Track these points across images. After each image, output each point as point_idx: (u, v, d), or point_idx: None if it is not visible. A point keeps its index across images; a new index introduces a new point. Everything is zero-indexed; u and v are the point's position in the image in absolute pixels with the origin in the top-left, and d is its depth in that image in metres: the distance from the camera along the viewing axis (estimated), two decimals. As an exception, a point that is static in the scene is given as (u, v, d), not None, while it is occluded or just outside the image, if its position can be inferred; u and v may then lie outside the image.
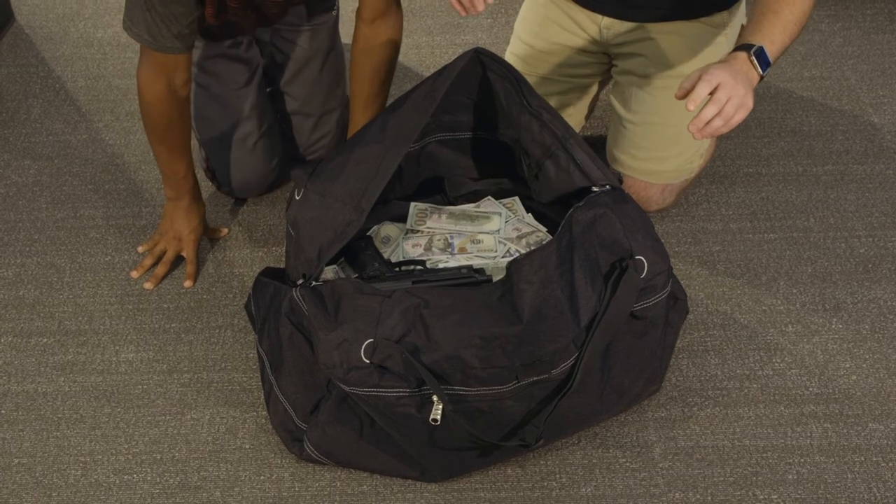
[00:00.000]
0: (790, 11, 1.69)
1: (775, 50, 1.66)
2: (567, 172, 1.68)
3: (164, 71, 1.82)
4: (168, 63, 1.81)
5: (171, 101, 1.86)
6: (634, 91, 2.03)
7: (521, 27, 2.18)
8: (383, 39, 1.88)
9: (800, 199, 2.14)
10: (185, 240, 2.02)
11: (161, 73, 1.82)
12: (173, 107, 1.87)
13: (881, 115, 2.35)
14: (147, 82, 1.84)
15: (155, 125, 1.89)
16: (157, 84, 1.83)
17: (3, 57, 2.65)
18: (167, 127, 1.89)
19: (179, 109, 1.88)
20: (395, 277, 1.66)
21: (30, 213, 2.18)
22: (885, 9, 2.72)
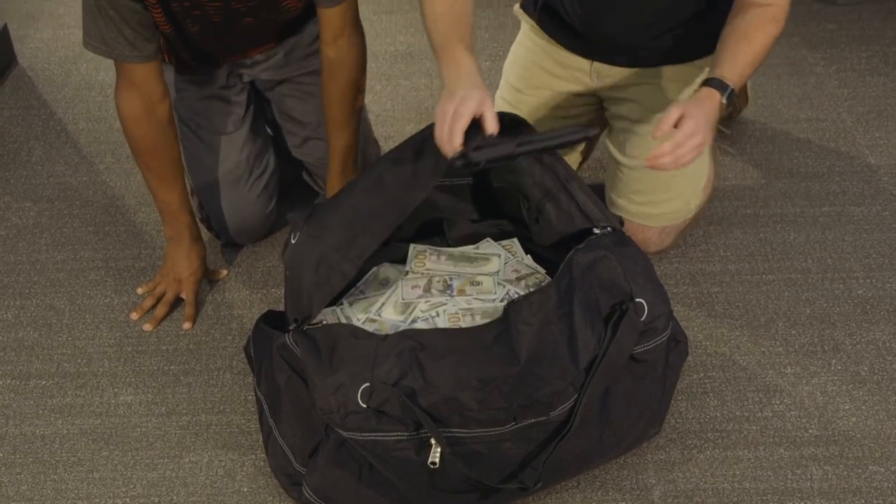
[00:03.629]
0: (763, 37, 1.72)
1: (742, 82, 1.72)
2: (568, 214, 1.69)
3: (135, 85, 1.83)
4: (136, 76, 1.82)
5: (151, 120, 1.86)
6: (628, 136, 2.04)
7: (509, 71, 2.19)
8: (346, 59, 1.91)
9: (798, 240, 2.14)
10: (185, 281, 2.02)
11: (133, 89, 1.83)
12: (154, 127, 1.87)
13: (878, 156, 2.37)
14: (122, 100, 1.85)
15: (138, 148, 1.90)
16: (133, 101, 1.84)
17: (6, 99, 2.67)
18: (152, 151, 1.90)
19: (162, 131, 1.89)
20: (498, 143, 1.56)
21: (30, 254, 2.18)
22: (879, 51, 2.75)
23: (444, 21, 1.70)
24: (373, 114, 2.55)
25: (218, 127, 2.09)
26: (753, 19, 1.73)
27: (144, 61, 1.81)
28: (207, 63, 2.05)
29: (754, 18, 1.73)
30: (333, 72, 1.93)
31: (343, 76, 1.94)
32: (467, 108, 1.53)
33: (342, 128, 1.99)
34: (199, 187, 2.09)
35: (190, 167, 2.09)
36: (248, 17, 1.89)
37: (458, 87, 1.58)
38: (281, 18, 1.95)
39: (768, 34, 1.73)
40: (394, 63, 2.78)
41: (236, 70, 2.13)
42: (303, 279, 1.59)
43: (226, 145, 2.09)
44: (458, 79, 1.61)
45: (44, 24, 3.02)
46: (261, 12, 1.88)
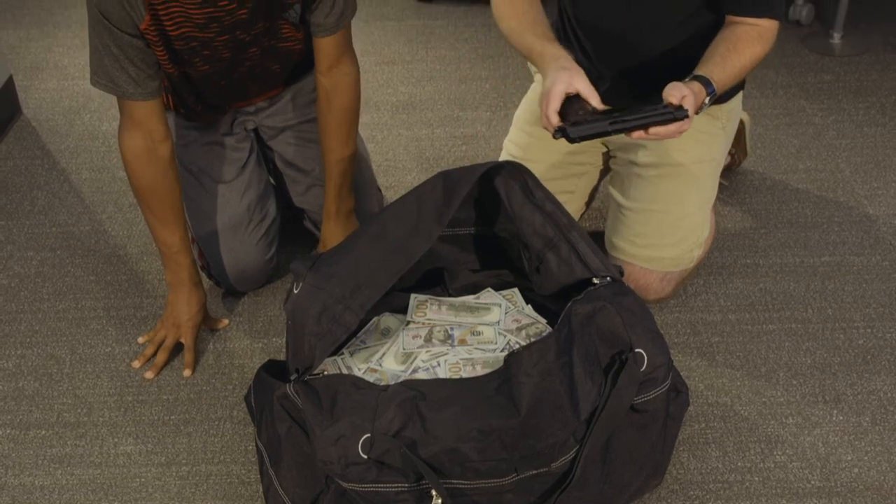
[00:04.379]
0: (751, 52, 1.83)
1: (724, 88, 1.82)
2: (568, 264, 1.70)
3: (138, 124, 1.86)
4: (139, 114, 1.85)
5: (152, 160, 1.89)
6: (635, 180, 2.06)
7: (521, 117, 2.22)
8: (341, 86, 1.98)
9: (798, 290, 2.15)
10: (184, 327, 2.02)
11: (136, 128, 1.87)
12: (155, 167, 1.90)
13: (876, 206, 2.38)
14: (125, 139, 1.89)
15: (140, 188, 1.93)
16: (135, 140, 1.88)
17: (10, 149, 2.69)
18: (152, 191, 1.92)
19: (163, 171, 1.91)
20: (594, 121, 1.67)
21: (32, 303, 2.19)
22: (877, 102, 2.77)
23: (524, 28, 1.90)
24: (375, 163, 2.57)
25: (219, 174, 2.11)
26: (743, 34, 1.84)
27: (147, 98, 1.85)
28: (213, 108, 2.08)
29: (744, 34, 1.84)
30: (330, 99, 1.99)
31: (339, 103, 1.99)
32: (557, 88, 1.71)
33: (339, 154, 2.04)
34: (199, 233, 2.11)
35: (190, 213, 2.11)
36: (253, 47, 1.92)
37: (548, 72, 1.76)
38: (281, 47, 1.97)
39: (755, 52, 1.84)
40: (395, 113, 2.81)
41: (240, 118, 2.16)
42: (305, 329, 1.60)
43: (226, 192, 2.11)
44: (546, 66, 1.79)
45: (48, 74, 3.05)
46: (262, 40, 1.92)
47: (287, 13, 1.89)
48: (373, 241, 1.67)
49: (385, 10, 3.40)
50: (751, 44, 1.83)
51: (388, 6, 3.42)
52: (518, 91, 2.88)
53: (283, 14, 1.89)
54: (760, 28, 1.85)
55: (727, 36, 1.85)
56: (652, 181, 2.04)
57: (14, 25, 3.34)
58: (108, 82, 1.83)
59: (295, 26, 1.93)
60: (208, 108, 2.08)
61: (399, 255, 1.63)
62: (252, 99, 2.14)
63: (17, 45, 3.23)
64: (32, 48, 3.21)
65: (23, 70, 3.07)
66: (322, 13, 1.89)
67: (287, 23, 1.91)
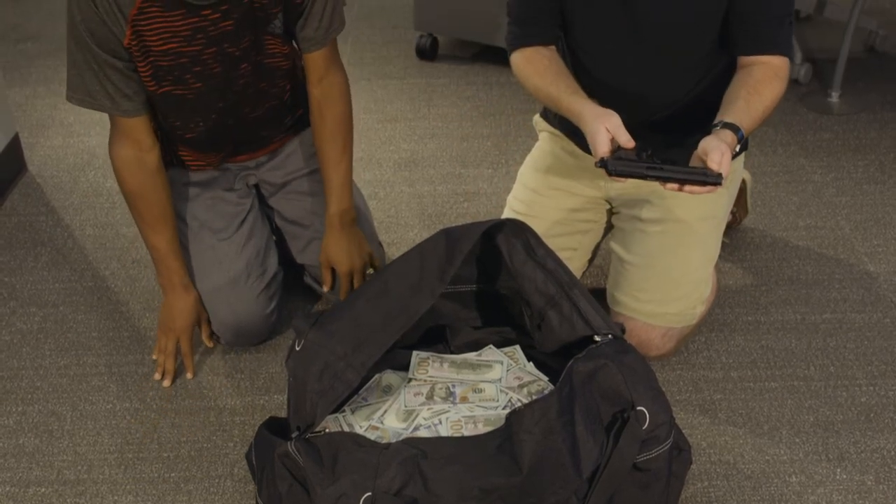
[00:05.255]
0: (771, 92, 1.86)
1: (751, 131, 1.85)
2: (570, 322, 1.70)
3: (125, 134, 1.95)
4: (125, 126, 1.93)
5: (140, 167, 1.97)
6: (638, 235, 2.07)
7: (526, 174, 2.24)
8: (333, 95, 2.05)
9: (799, 347, 2.15)
10: (179, 331, 2.09)
11: (123, 138, 1.95)
12: (143, 174, 1.98)
13: (877, 263, 2.39)
14: (114, 148, 1.97)
15: (128, 193, 2.00)
16: (123, 149, 1.96)
17: (15, 206, 2.71)
18: (140, 196, 2.00)
19: (150, 178, 1.99)
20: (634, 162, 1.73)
21: (33, 360, 2.19)
22: (875, 160, 2.79)
23: (548, 84, 1.95)
24: (377, 219, 2.58)
25: (219, 228, 2.13)
26: (761, 76, 1.87)
27: (125, 116, 1.92)
28: (209, 148, 2.09)
29: (762, 74, 1.87)
30: (323, 110, 2.06)
31: (332, 113, 2.06)
32: (600, 138, 1.78)
33: (336, 165, 2.09)
34: (200, 288, 2.11)
35: (191, 268, 2.12)
36: (243, 63, 1.95)
37: (585, 123, 1.83)
38: (268, 64, 2.00)
39: (775, 90, 1.87)
40: (397, 170, 2.83)
41: (242, 173, 2.18)
42: (306, 386, 1.60)
43: (226, 247, 2.12)
44: (581, 119, 1.85)
45: (54, 131, 3.08)
46: (250, 55, 1.95)
47: (271, 25, 1.93)
48: (375, 298, 1.67)
49: (388, 68, 3.44)
50: (769, 84, 1.86)
51: (391, 65, 3.46)
52: (520, 149, 2.90)
53: (268, 28, 1.93)
54: (774, 66, 1.88)
55: (745, 80, 1.87)
56: (655, 237, 2.05)
57: (21, 83, 3.38)
58: (85, 96, 1.89)
59: (281, 38, 1.97)
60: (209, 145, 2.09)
61: (401, 313, 1.63)
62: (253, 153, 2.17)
63: (23, 102, 3.26)
64: (39, 106, 3.24)
65: (29, 127, 3.10)
66: (311, 27, 1.96)
67: (272, 36, 1.95)
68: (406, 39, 3.63)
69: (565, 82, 1.94)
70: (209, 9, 1.83)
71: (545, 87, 1.96)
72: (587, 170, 2.14)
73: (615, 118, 1.79)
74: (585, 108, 1.85)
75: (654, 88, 1.99)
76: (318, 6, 1.94)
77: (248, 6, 1.87)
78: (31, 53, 3.60)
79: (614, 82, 1.99)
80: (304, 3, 1.93)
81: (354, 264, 2.14)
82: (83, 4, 1.78)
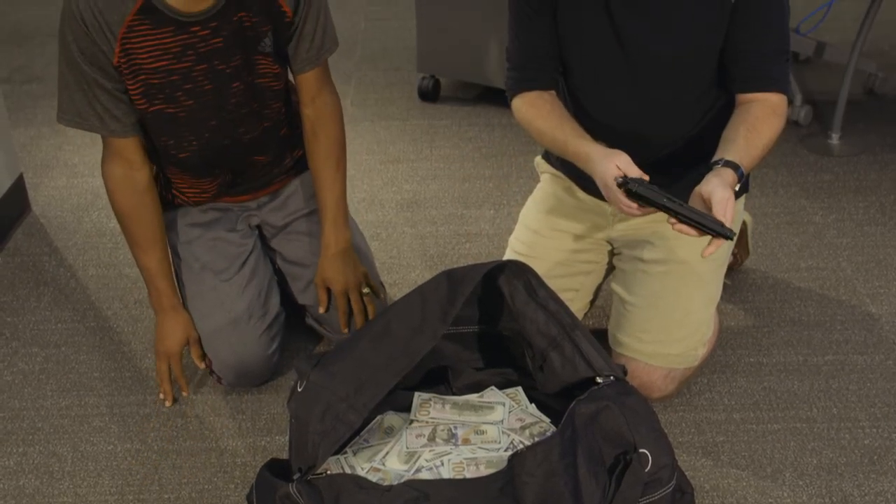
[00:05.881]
0: (769, 129, 1.87)
1: (750, 169, 1.84)
2: (572, 363, 1.70)
3: (115, 153, 1.98)
4: (115, 145, 1.97)
5: (129, 185, 2.01)
6: (640, 276, 2.08)
7: (527, 215, 2.25)
8: (325, 115, 2.09)
9: (802, 389, 2.14)
10: (167, 351, 2.12)
11: (114, 156, 1.99)
12: (133, 193, 2.02)
13: (879, 305, 2.39)
14: (105, 166, 2.01)
15: (119, 212, 2.04)
16: (114, 168, 2.00)
17: (18, 246, 2.72)
18: (129, 215, 2.04)
19: (139, 196, 2.03)
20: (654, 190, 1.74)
21: (35, 400, 2.18)
22: (876, 202, 2.80)
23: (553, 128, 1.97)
24: (379, 260, 2.59)
25: (221, 269, 2.14)
26: (760, 113, 1.87)
27: (113, 136, 1.95)
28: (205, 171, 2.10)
29: (760, 112, 1.88)
30: (316, 130, 2.09)
31: (325, 133, 2.09)
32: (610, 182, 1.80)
33: (331, 186, 2.12)
34: (202, 329, 2.12)
35: (193, 308, 2.13)
36: (235, 82, 1.97)
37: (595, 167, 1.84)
38: (260, 84, 2.01)
39: (774, 127, 1.88)
40: (399, 211, 2.84)
41: (244, 214, 2.19)
42: (308, 428, 1.59)
43: (228, 287, 2.12)
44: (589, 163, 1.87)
45: (58, 172, 3.10)
46: (242, 74, 1.97)
47: (261, 44, 1.96)
48: (376, 339, 1.67)
49: (390, 109, 3.46)
50: (768, 121, 1.87)
51: (393, 106, 3.49)
52: (521, 190, 2.91)
53: (258, 46, 1.96)
54: (772, 103, 1.89)
55: (744, 117, 1.88)
56: (657, 278, 2.06)
57: (26, 124, 3.41)
58: (75, 116, 1.93)
59: (272, 58, 1.99)
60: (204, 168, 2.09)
61: (403, 354, 1.64)
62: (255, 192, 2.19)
63: (27, 143, 3.28)
64: (43, 146, 3.26)
65: (33, 168, 3.12)
66: (304, 47, 1.99)
67: (263, 56, 1.97)
68: (408, 81, 3.66)
69: (570, 126, 1.96)
70: (198, 25, 1.87)
71: (549, 131, 1.98)
72: (589, 211, 2.15)
73: (624, 156, 1.81)
74: (593, 149, 1.87)
75: (655, 128, 2.01)
76: (310, 26, 1.97)
77: (237, 23, 1.90)
78: (36, 94, 3.63)
79: (615, 124, 2.01)
80: (294, 21, 1.96)
81: (349, 283, 2.15)
82: (73, 24, 1.82)
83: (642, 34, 1.91)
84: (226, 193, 2.18)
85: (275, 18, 1.93)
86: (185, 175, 2.10)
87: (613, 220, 2.14)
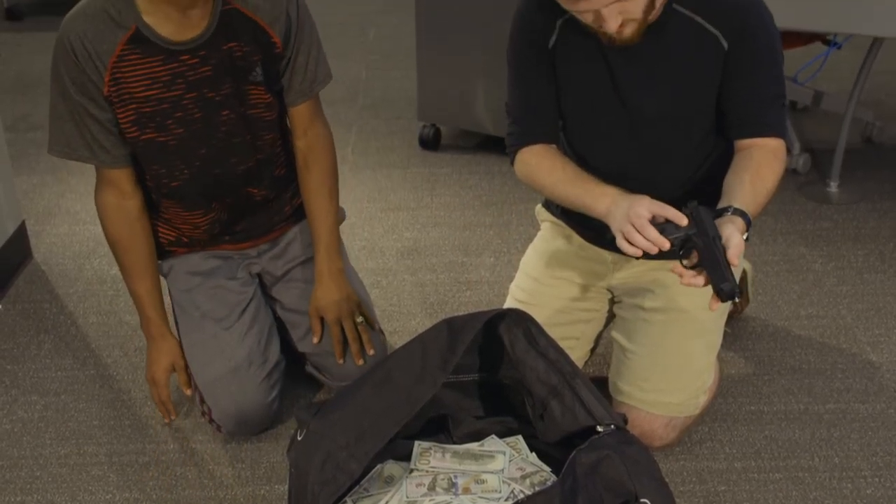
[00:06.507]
0: (772, 174, 1.87)
1: (756, 215, 1.84)
2: (572, 412, 1.70)
3: (107, 181, 2.04)
4: (107, 174, 2.03)
5: (121, 213, 2.06)
6: (640, 324, 2.08)
7: (528, 264, 2.25)
8: (317, 147, 2.14)
9: (803, 437, 2.14)
10: (155, 379, 2.16)
11: (107, 184, 2.05)
12: (124, 220, 2.07)
13: (879, 353, 2.39)
14: (98, 194, 2.06)
15: (111, 239, 2.09)
16: (107, 196, 2.06)
17: (19, 293, 2.72)
18: (119, 242, 2.09)
19: (130, 224, 2.08)
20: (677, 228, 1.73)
21: (33, 449, 2.18)
22: (875, 250, 2.81)
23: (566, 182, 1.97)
24: (380, 308, 2.59)
25: (221, 317, 2.14)
26: (761, 158, 1.88)
27: (104, 167, 2.01)
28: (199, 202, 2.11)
29: (761, 157, 1.88)
30: (309, 161, 2.14)
31: (317, 163, 2.14)
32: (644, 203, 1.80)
33: (324, 215, 2.16)
34: (201, 377, 2.11)
35: (192, 357, 2.13)
36: (224, 110, 2.00)
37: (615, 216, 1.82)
38: (252, 115, 2.04)
39: (776, 172, 1.88)
40: (400, 259, 2.85)
41: (244, 262, 2.20)
42: (308, 477, 1.59)
43: (228, 335, 2.13)
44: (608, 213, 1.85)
45: (60, 219, 3.11)
46: (233, 102, 2.00)
47: (253, 74, 1.99)
48: (377, 387, 1.67)
49: (391, 157, 3.48)
50: (770, 166, 1.88)
51: (394, 154, 3.51)
52: (521, 237, 2.92)
53: (249, 76, 1.99)
54: (772, 148, 1.90)
55: (746, 163, 1.88)
56: (658, 326, 2.06)
57: (28, 172, 3.43)
58: (64, 147, 1.98)
59: (264, 87, 2.02)
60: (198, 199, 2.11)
61: (403, 402, 1.63)
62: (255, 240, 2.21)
63: (30, 190, 3.30)
64: (46, 194, 3.28)
65: (35, 215, 3.13)
66: (297, 80, 2.04)
67: (254, 85, 2.01)
68: (409, 129, 3.69)
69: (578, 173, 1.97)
70: (187, 54, 1.92)
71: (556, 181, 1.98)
72: (589, 259, 2.15)
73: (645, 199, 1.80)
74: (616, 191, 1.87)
75: (655, 178, 2.02)
76: (302, 59, 2.02)
77: (227, 53, 1.95)
78: (39, 142, 3.65)
79: (616, 174, 2.01)
80: (285, 54, 2.00)
81: (343, 312, 2.17)
82: (64, 56, 1.88)
83: (638, 83, 1.93)
84: (224, 235, 2.19)
85: (265, 49, 1.98)
86: (178, 207, 2.12)
87: (614, 269, 2.14)
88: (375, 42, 4.70)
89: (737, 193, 1.83)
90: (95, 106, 1.92)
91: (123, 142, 1.98)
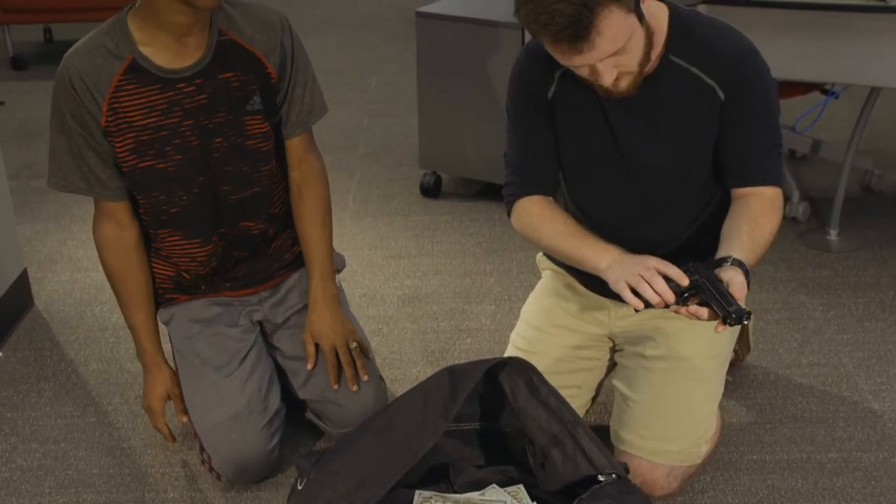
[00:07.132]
0: (769, 224, 1.89)
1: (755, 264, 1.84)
2: (573, 461, 1.70)
3: (105, 213, 2.08)
4: (105, 206, 2.07)
5: (118, 245, 2.10)
6: (642, 373, 2.07)
7: (529, 312, 2.26)
8: (311, 177, 2.18)
9: (805, 487, 2.13)
10: (151, 408, 2.19)
11: (105, 216, 2.09)
12: (121, 252, 2.11)
13: (881, 402, 2.38)
14: (96, 225, 2.10)
15: (108, 270, 2.13)
16: (104, 227, 2.10)
17: (20, 340, 2.72)
18: (116, 274, 2.13)
19: (128, 256, 2.12)
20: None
21: (32, 497, 2.16)
22: (876, 298, 2.81)
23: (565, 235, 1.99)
24: (380, 356, 2.59)
25: (222, 364, 2.14)
26: (759, 207, 1.90)
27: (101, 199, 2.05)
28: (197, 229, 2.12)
29: (759, 206, 1.90)
30: (302, 190, 2.18)
31: (311, 192, 2.18)
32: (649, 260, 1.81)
33: (317, 243, 2.20)
34: (201, 425, 2.11)
35: (192, 405, 2.13)
36: (217, 137, 2.03)
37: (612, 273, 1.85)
38: (248, 146, 2.06)
39: (773, 221, 1.90)
40: (401, 306, 2.85)
41: (245, 309, 2.21)
42: (308, 527, 1.58)
43: (228, 383, 2.12)
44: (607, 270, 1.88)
45: (62, 266, 3.12)
46: (226, 131, 2.03)
47: (250, 102, 2.03)
48: (378, 435, 1.67)
49: (392, 205, 3.50)
50: (767, 215, 1.89)
51: (395, 201, 3.53)
52: (522, 285, 2.93)
53: (247, 106, 2.03)
54: (769, 197, 1.91)
55: (743, 213, 1.90)
56: (659, 374, 2.06)
57: (31, 220, 3.44)
58: (61, 179, 2.02)
59: (262, 116, 2.05)
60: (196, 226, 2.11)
61: (404, 451, 1.63)
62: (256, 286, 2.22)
63: (32, 237, 3.31)
64: (48, 241, 3.29)
65: (37, 262, 3.14)
66: (294, 111, 2.10)
67: (252, 115, 2.04)
68: (410, 177, 3.71)
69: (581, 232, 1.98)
70: (184, 82, 1.96)
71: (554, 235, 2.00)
72: (590, 307, 2.16)
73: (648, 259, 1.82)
74: (618, 249, 1.91)
75: (653, 228, 2.03)
76: (299, 91, 2.08)
77: (223, 82, 1.99)
78: (42, 190, 3.67)
79: (612, 222, 2.03)
80: (280, 85, 2.05)
81: (337, 338, 2.18)
82: (63, 90, 1.93)
83: (636, 134, 1.94)
84: (225, 280, 2.20)
85: (261, 79, 2.02)
86: (177, 236, 2.12)
87: (615, 317, 2.14)
88: (377, 90, 4.74)
89: (735, 243, 1.84)
90: (93, 138, 1.96)
91: (121, 174, 2.02)
